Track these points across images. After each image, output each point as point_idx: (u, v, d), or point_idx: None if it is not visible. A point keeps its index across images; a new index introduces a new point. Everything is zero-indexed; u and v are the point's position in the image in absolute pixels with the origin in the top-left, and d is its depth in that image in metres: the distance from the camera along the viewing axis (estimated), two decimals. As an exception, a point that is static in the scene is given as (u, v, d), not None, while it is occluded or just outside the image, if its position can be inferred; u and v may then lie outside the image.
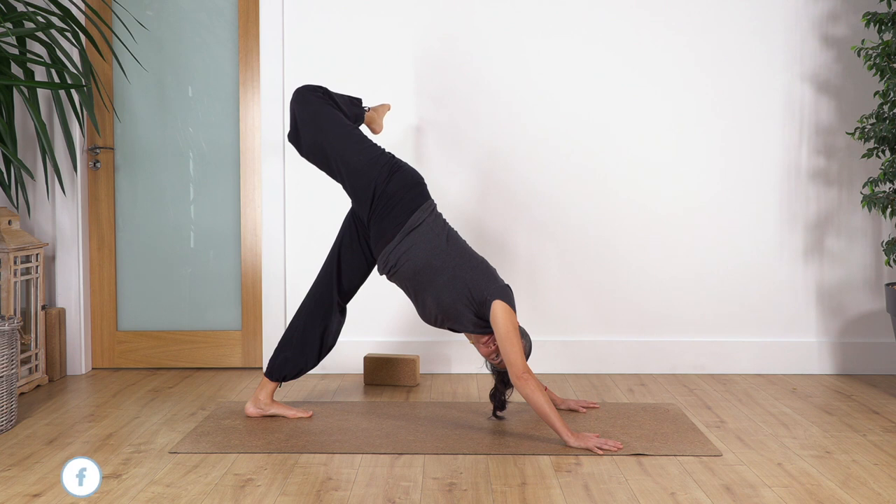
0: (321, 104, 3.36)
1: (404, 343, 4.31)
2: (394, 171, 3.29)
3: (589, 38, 4.26)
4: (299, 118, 3.35)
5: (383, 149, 3.38)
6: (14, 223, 3.95)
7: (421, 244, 3.23)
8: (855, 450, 3.07)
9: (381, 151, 3.35)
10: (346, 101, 3.52)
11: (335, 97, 3.45)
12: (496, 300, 3.15)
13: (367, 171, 3.27)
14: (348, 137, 3.32)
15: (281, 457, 2.98)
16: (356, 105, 3.60)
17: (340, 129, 3.33)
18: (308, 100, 3.36)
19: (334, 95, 3.46)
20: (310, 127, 3.33)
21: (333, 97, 3.44)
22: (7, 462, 2.93)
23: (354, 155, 3.29)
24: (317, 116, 3.33)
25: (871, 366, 4.29)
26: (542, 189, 4.28)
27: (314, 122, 3.33)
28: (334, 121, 3.34)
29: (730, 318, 4.32)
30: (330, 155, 3.32)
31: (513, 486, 2.69)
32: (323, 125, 3.33)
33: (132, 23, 4.30)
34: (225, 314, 4.43)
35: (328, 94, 3.42)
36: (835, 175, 4.30)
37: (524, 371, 3.08)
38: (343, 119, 3.39)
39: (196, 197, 4.42)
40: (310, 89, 3.39)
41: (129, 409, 3.63)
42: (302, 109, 3.35)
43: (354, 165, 3.29)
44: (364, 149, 3.31)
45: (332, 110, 3.37)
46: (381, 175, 3.27)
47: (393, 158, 3.34)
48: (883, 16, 3.82)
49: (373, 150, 3.33)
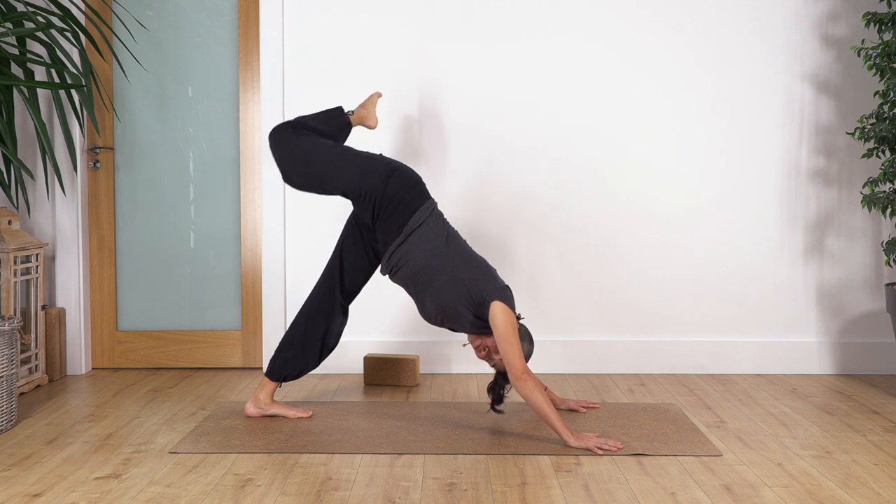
0: (295, 138, 3.35)
1: (404, 343, 4.31)
2: (390, 175, 3.28)
3: (589, 38, 4.26)
4: (279, 160, 3.36)
5: (374, 154, 3.37)
6: (14, 223, 3.95)
7: (421, 245, 3.24)
8: (855, 450, 3.07)
9: (372, 159, 3.33)
10: (322, 120, 3.48)
11: (309, 121, 3.42)
12: (495, 301, 3.15)
13: (361, 184, 3.27)
14: (333, 159, 3.32)
15: (281, 457, 2.98)
16: (335, 117, 3.52)
17: (322, 153, 3.33)
18: (281, 139, 3.36)
19: (308, 120, 3.43)
20: (291, 164, 3.34)
21: (307, 123, 3.41)
22: (7, 462, 2.93)
23: (344, 175, 3.29)
24: (295, 152, 3.33)
25: (871, 366, 4.29)
26: (542, 189, 4.28)
27: (294, 158, 3.34)
28: (314, 149, 3.34)
29: (730, 318, 4.32)
30: (322, 183, 3.34)
31: (513, 486, 2.69)
32: (303, 158, 3.33)
33: (132, 23, 4.30)
34: (225, 314, 4.43)
35: (300, 124, 3.40)
36: (835, 175, 4.30)
37: (523, 372, 3.09)
38: (322, 142, 3.37)
39: (196, 197, 4.42)
40: (280, 128, 3.38)
41: (129, 409, 3.63)
42: (279, 150, 3.36)
43: (347, 184, 3.29)
44: (352, 164, 3.30)
45: (308, 139, 3.36)
46: (378, 182, 3.26)
47: (387, 162, 3.33)
48: (883, 16, 3.82)
49: (362, 161, 3.32)
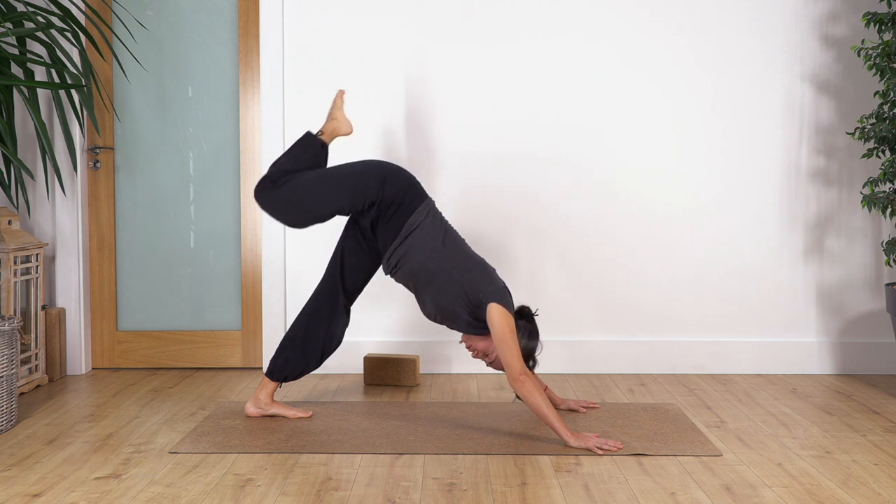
0: (277, 189, 3.33)
1: (404, 343, 4.31)
2: (382, 185, 3.26)
3: (589, 38, 4.26)
4: (273, 215, 3.37)
5: (361, 165, 3.35)
6: (14, 223, 3.95)
7: (418, 246, 3.24)
8: (855, 450, 3.07)
9: (360, 173, 3.30)
10: (296, 154, 3.44)
11: (284, 164, 3.40)
12: (491, 303, 3.15)
13: (358, 199, 3.27)
14: (321, 192, 3.31)
15: (281, 457, 2.98)
16: (308, 145, 3.46)
17: (309, 190, 3.32)
18: (265, 197, 3.34)
19: (282, 163, 3.40)
20: (284, 213, 3.35)
21: (282, 167, 3.38)
22: (7, 462, 2.93)
23: (338, 200, 3.30)
24: (282, 202, 3.33)
25: (871, 366, 4.29)
26: (542, 189, 4.28)
27: (285, 207, 3.34)
28: (298, 190, 3.32)
29: (730, 318, 4.32)
30: (321, 215, 3.35)
31: (513, 486, 2.69)
32: (293, 203, 3.33)
33: (132, 23, 4.30)
34: (225, 314, 4.43)
35: (276, 172, 3.36)
36: (835, 175, 4.30)
37: (521, 374, 3.08)
38: (304, 180, 3.34)
39: (196, 197, 4.42)
40: (260, 187, 3.35)
41: (129, 409, 3.63)
42: (268, 207, 3.35)
43: (342, 207, 3.31)
44: (341, 188, 3.29)
45: (290, 184, 3.33)
46: (371, 196, 3.26)
47: (376, 171, 3.30)
48: (883, 16, 3.82)
49: (350, 179, 3.29)
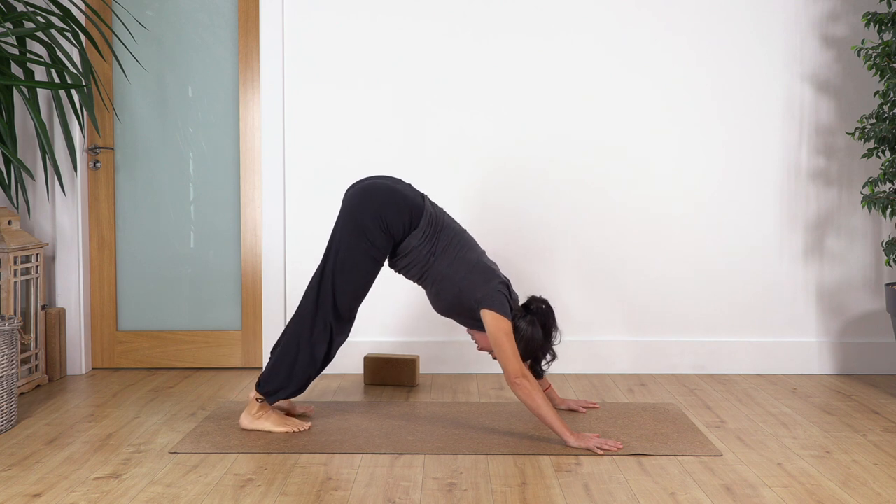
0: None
1: (404, 343, 4.31)
2: (385, 230, 3.20)
3: (589, 38, 4.26)
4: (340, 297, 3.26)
5: (355, 211, 3.25)
6: (14, 223, 3.95)
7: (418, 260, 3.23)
8: (855, 450, 3.07)
9: (367, 227, 3.22)
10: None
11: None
12: (483, 310, 3.14)
13: (374, 250, 3.23)
14: (351, 271, 3.28)
15: (281, 457, 2.98)
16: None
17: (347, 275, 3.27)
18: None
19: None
20: (344, 284, 3.26)
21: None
22: (7, 462, 2.93)
23: (371, 272, 3.30)
24: (327, 289, 3.27)
25: (871, 366, 4.29)
26: (542, 189, 4.28)
27: (341, 285, 3.26)
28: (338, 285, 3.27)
29: (730, 318, 4.32)
30: (366, 287, 3.32)
31: (513, 486, 2.69)
32: (339, 287, 3.27)
33: (132, 23, 4.30)
34: (225, 314, 4.43)
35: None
36: (835, 175, 4.30)
37: (517, 376, 3.07)
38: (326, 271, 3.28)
39: (196, 197, 4.42)
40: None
41: (129, 409, 3.63)
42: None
43: (379, 262, 3.29)
44: (362, 269, 3.27)
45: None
46: (384, 241, 3.22)
47: (373, 214, 3.19)
48: (883, 16, 3.82)
49: (358, 226, 3.21)
